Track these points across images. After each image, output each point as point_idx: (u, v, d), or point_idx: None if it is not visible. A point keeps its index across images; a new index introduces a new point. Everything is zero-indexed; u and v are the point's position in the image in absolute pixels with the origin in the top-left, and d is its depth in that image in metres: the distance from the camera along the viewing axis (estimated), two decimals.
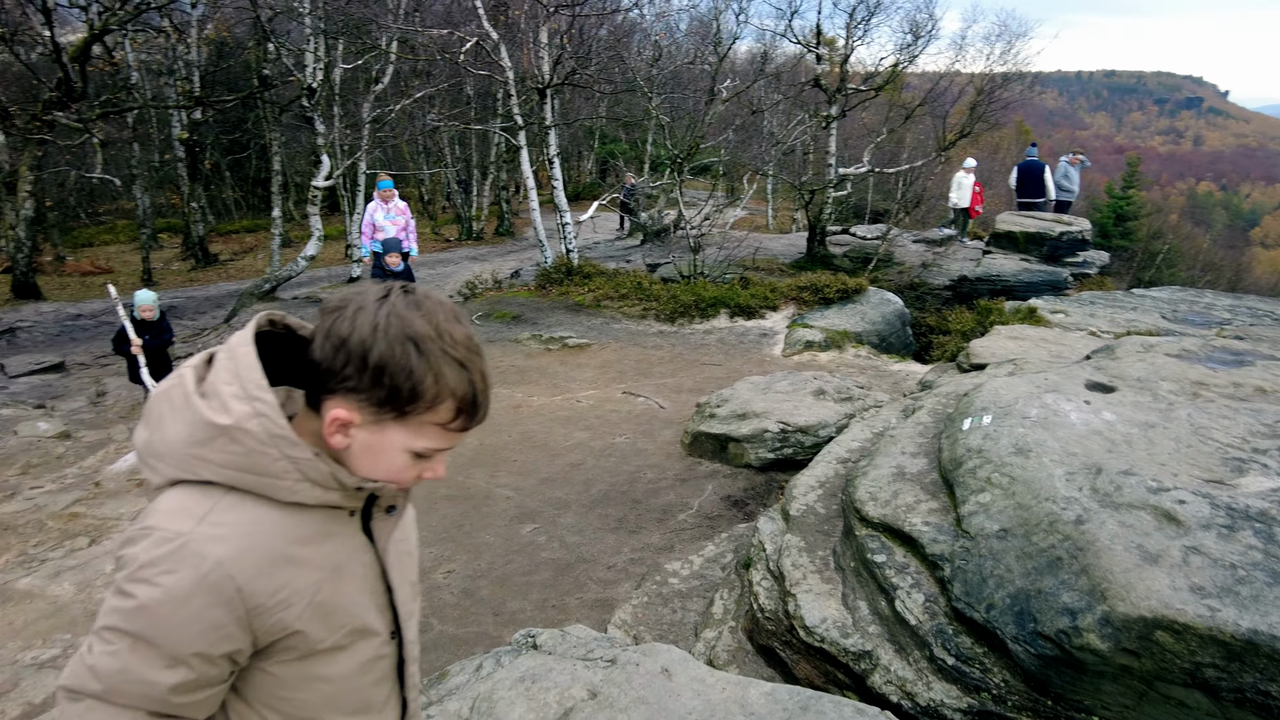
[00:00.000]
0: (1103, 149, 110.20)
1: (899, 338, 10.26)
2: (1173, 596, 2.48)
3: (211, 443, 0.98)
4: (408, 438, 1.03)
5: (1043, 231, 14.58)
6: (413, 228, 10.37)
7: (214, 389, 1.00)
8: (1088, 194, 41.69)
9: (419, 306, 1.00)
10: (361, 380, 0.98)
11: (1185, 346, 4.61)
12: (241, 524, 0.99)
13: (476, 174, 24.06)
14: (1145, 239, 38.25)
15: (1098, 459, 3.28)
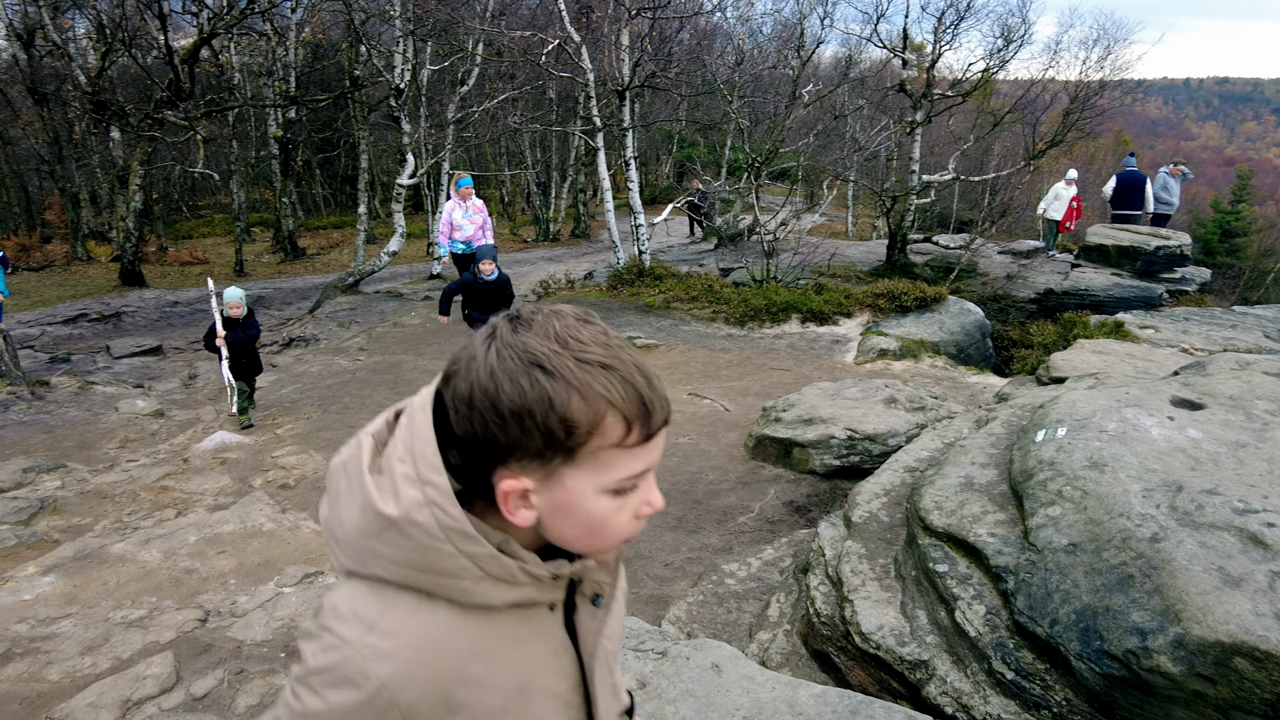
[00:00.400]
0: (1211, 161, 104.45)
1: (978, 349, 9.95)
2: (1255, 622, 2.35)
3: (381, 535, 0.84)
4: (592, 476, 0.84)
5: (1137, 245, 13.93)
6: (489, 226, 10.25)
7: (389, 465, 0.86)
8: (1191, 208, 39.60)
9: (530, 325, 0.84)
10: (508, 435, 0.81)
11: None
12: (413, 637, 0.84)
13: (556, 176, 24.44)
14: (1254, 256, 36.12)
15: (1179, 476, 3.13)
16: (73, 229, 18.48)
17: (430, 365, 8.95)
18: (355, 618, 0.84)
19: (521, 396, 0.79)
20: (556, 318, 0.85)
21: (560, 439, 0.81)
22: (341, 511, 0.88)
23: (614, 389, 0.82)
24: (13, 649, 3.86)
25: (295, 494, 5.77)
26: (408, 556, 0.83)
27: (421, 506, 0.81)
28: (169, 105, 13.24)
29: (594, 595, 0.99)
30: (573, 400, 0.80)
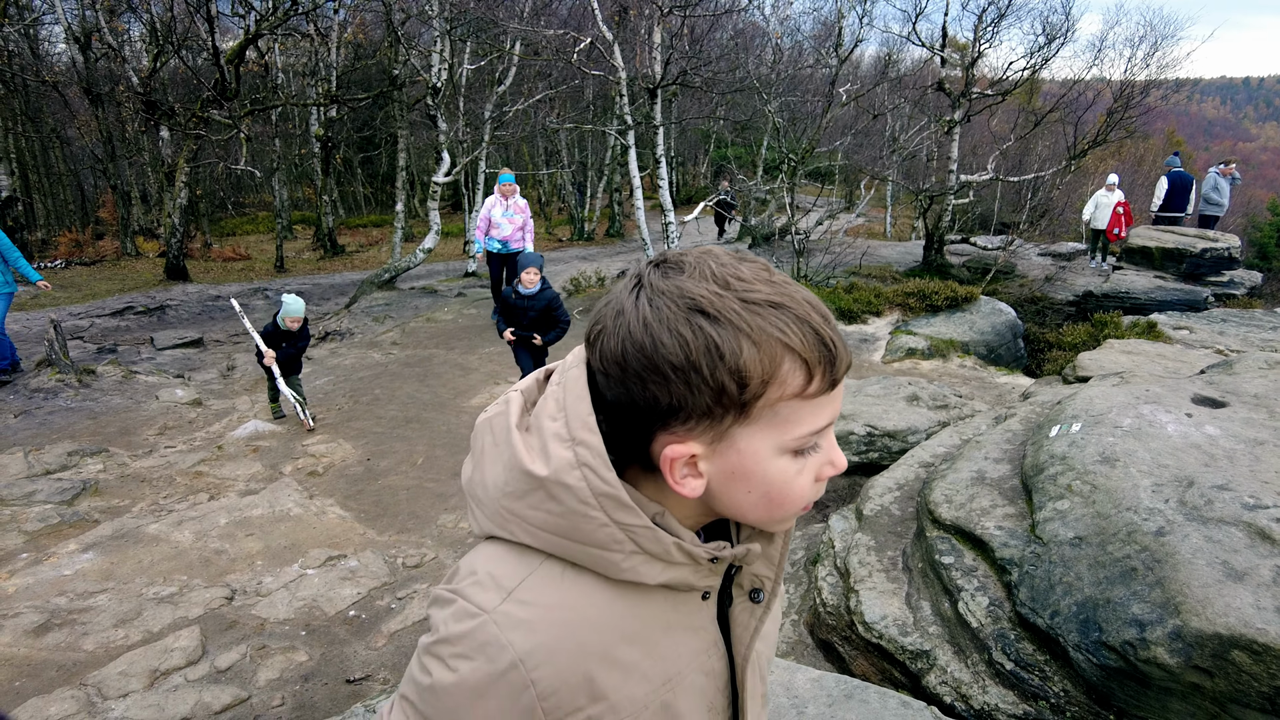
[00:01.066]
0: (1271, 162, 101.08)
1: (1009, 349, 9.81)
2: (1255, 616, 2.32)
3: (527, 496, 0.76)
4: (770, 435, 0.74)
5: (1183, 248, 13.59)
6: (530, 229, 9.72)
7: (538, 423, 0.78)
8: (1249, 210, 38.36)
9: (681, 268, 0.73)
10: (671, 394, 0.71)
11: None
12: (557, 608, 0.75)
13: (592, 176, 24.59)
14: None
15: (1191, 472, 3.08)
16: (123, 225, 19.09)
17: (460, 360, 9.10)
18: (493, 583, 0.76)
19: (684, 348, 0.69)
20: (710, 257, 0.74)
21: (733, 394, 0.70)
22: (485, 471, 0.81)
23: (790, 331, 0.70)
24: (52, 620, 4.05)
25: (323, 481, 5.92)
26: (555, 521, 0.75)
27: (573, 468, 0.73)
28: (215, 104, 13.64)
29: (752, 590, 0.89)
30: (744, 348, 0.69)
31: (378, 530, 5.15)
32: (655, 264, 0.76)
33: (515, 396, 0.82)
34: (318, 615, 4.13)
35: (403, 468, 6.07)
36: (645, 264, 0.77)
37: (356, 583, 4.42)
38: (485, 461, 0.81)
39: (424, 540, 5.00)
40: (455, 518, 5.27)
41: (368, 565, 4.61)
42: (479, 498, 0.81)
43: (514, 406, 0.80)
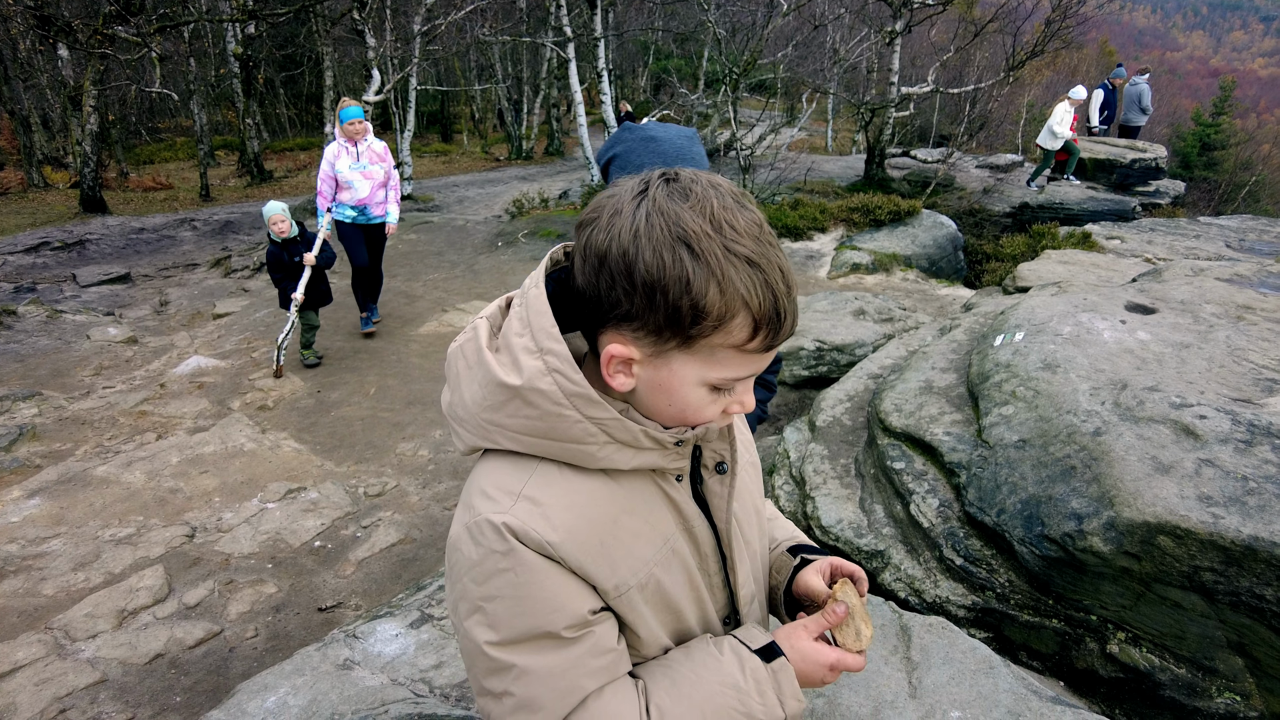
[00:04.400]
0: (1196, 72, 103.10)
1: (950, 262, 10.05)
2: (1179, 504, 2.51)
3: (505, 406, 0.85)
4: (699, 368, 0.82)
5: (1113, 158, 13.93)
6: (396, 182, 6.89)
7: (506, 341, 0.86)
8: (1173, 120, 39.28)
9: (687, 194, 0.78)
10: (633, 303, 0.78)
11: (1238, 271, 4.46)
12: (562, 496, 0.86)
13: (528, 91, 23.81)
14: (1232, 169, 36.13)
15: (1125, 376, 3.27)
16: (26, 155, 17.88)
17: (404, 287, 8.92)
18: (501, 492, 0.86)
19: (660, 270, 0.76)
20: (715, 194, 0.79)
21: (685, 324, 0.78)
22: (463, 392, 0.89)
23: (754, 291, 0.77)
24: (5, 567, 3.98)
25: (274, 415, 5.84)
26: (533, 425, 0.84)
27: (544, 374, 0.82)
28: (119, 20, 12.69)
29: (717, 464, 0.99)
30: (710, 289, 0.76)
31: (335, 461, 5.14)
32: (666, 179, 0.81)
33: (481, 323, 0.90)
34: (283, 548, 4.15)
35: (355, 398, 6.02)
36: (656, 175, 0.82)
37: (319, 514, 4.43)
38: (462, 384, 0.89)
39: (384, 469, 5.01)
40: (413, 446, 5.28)
41: (329, 496, 4.62)
42: (460, 417, 0.90)
43: (482, 331, 0.89)
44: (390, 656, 2.47)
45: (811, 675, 0.97)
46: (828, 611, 0.99)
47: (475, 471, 0.92)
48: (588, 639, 0.86)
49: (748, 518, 1.06)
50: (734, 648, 0.96)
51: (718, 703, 0.90)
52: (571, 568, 0.84)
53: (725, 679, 0.92)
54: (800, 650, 0.97)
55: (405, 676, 2.37)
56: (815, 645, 0.98)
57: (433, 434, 5.46)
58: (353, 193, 6.60)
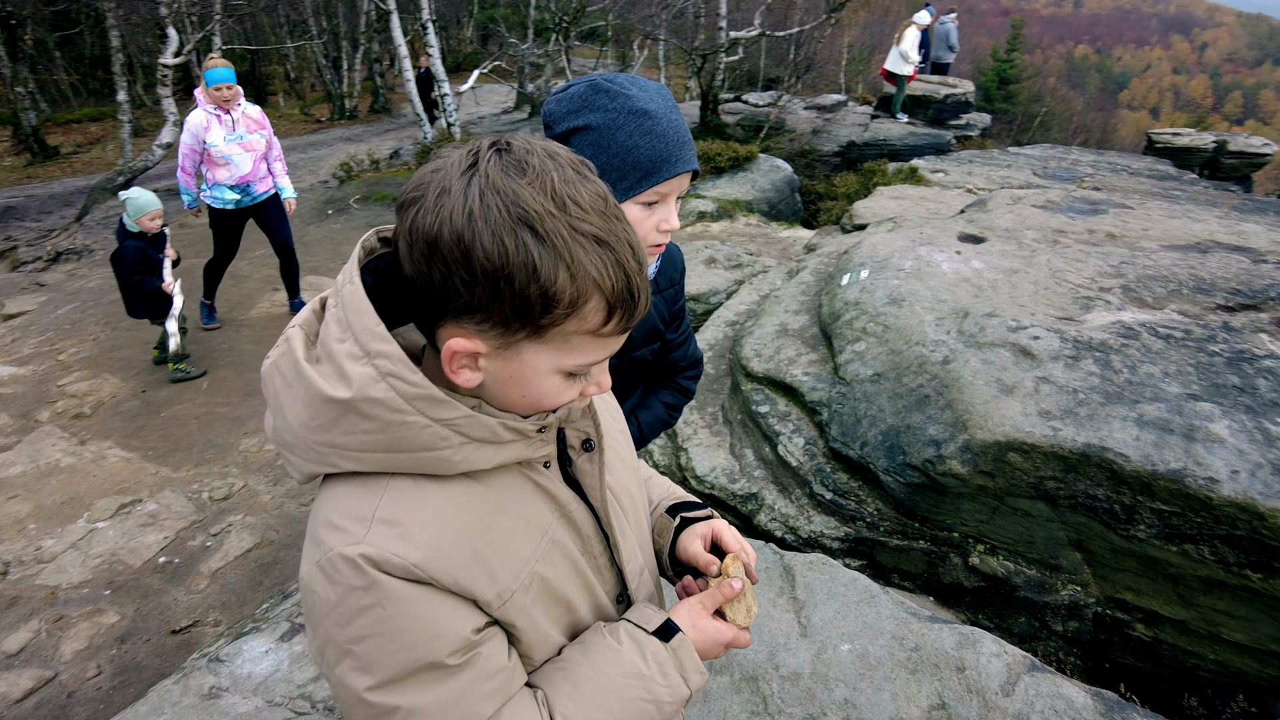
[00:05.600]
0: (991, 11, 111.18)
1: (788, 204, 10.38)
2: (1024, 421, 2.70)
3: (337, 424, 0.74)
4: (553, 356, 0.76)
5: (928, 94, 14.78)
6: (280, 152, 5.92)
7: (327, 350, 0.75)
8: (974, 57, 42.23)
9: (523, 167, 0.70)
10: (474, 294, 0.70)
11: (1050, 198, 4.84)
12: (421, 511, 0.77)
13: (346, 46, 22.29)
14: (1025, 102, 39.33)
15: (965, 304, 3.47)
16: None
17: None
18: (351, 520, 0.75)
19: (502, 257, 0.68)
20: (554, 165, 0.71)
21: (534, 313, 0.71)
22: (286, 414, 0.77)
23: (606, 272, 0.71)
24: None
25: (93, 422, 5.23)
26: (374, 439, 0.74)
27: (376, 381, 0.72)
28: None
29: (583, 443, 0.94)
30: (559, 275, 0.69)
31: (172, 467, 4.67)
32: (497, 149, 0.72)
33: (295, 333, 0.79)
34: (121, 570, 3.74)
35: (187, 395, 5.48)
36: (485, 144, 0.73)
37: (160, 527, 4.02)
38: (284, 405, 0.78)
39: (228, 470, 4.61)
40: (258, 440, 4.89)
41: (169, 506, 4.20)
42: (289, 442, 0.78)
43: (296, 342, 0.78)
44: (262, 676, 2.27)
45: (709, 652, 0.95)
46: (724, 586, 0.96)
47: (318, 501, 0.81)
48: (475, 662, 0.79)
49: (624, 490, 1.01)
50: (631, 633, 0.92)
51: (623, 695, 0.86)
52: (446, 586, 0.76)
53: (627, 669, 0.88)
54: (701, 628, 0.94)
55: (282, 695, 2.19)
56: (714, 623, 0.95)
57: None
58: (232, 169, 5.55)
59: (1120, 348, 2.99)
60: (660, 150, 1.25)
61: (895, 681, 2.09)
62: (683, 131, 1.29)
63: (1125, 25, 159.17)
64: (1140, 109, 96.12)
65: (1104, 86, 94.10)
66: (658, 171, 1.25)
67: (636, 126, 1.25)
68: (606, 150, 1.25)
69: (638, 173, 1.25)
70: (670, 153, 1.25)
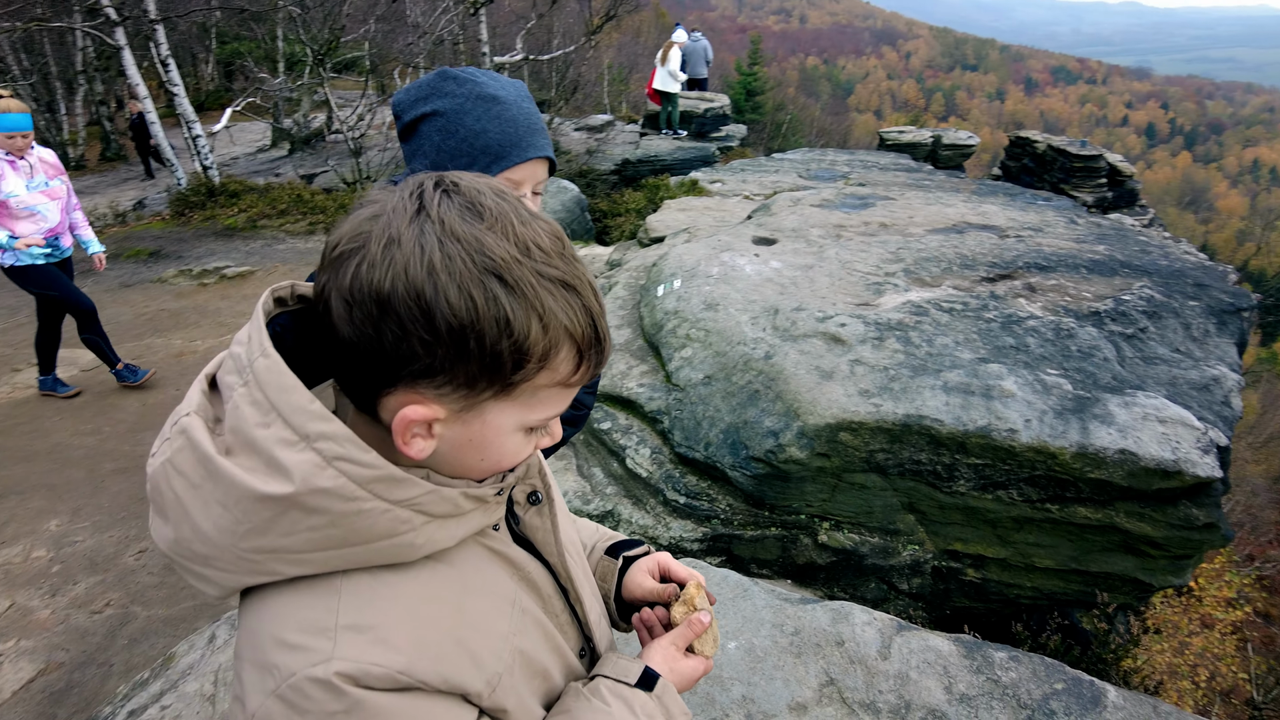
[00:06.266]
0: (729, 29, 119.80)
1: (580, 224, 10.55)
2: (847, 402, 2.93)
3: (275, 525, 0.63)
4: (518, 413, 0.69)
5: (689, 110, 15.66)
6: (77, 200, 5.13)
7: (244, 438, 0.64)
8: (721, 72, 45.33)
9: (479, 210, 0.64)
10: (435, 356, 0.62)
11: (824, 197, 5.30)
12: (391, 609, 0.67)
13: (60, 88, 19.82)
14: (771, 111, 42.78)
15: (773, 301, 3.71)
16: None
17: None
18: (309, 634, 0.64)
19: (471, 312, 0.60)
20: (510, 208, 0.65)
21: (505, 369, 0.64)
22: (196, 521, 0.64)
23: (575, 318, 0.65)
24: None
25: None
26: (323, 536, 0.63)
27: (321, 468, 0.62)
28: None
29: (529, 495, 0.86)
30: (532, 325, 0.63)
31: None
32: (444, 190, 0.65)
33: (191, 421, 0.66)
34: None
35: None
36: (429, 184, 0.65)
37: None
38: (190, 511, 0.65)
39: None
40: (22, 549, 4.19)
41: None
42: (203, 555, 0.66)
43: (198, 434, 0.65)
44: None
45: (684, 689, 0.92)
46: (693, 622, 0.94)
47: (252, 619, 0.68)
48: None
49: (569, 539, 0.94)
50: (614, 690, 0.87)
51: None
52: (435, 686, 0.67)
53: None
54: (679, 670, 0.92)
55: None
56: (688, 662, 0.93)
57: (45, 526, 4.39)
58: (39, 221, 4.79)
59: (915, 324, 3.33)
60: (509, 135, 1.22)
61: (784, 668, 2.18)
62: (534, 119, 1.25)
63: (844, 38, 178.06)
64: (866, 111, 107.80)
65: (834, 93, 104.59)
66: (506, 156, 1.22)
67: (485, 111, 1.22)
68: (454, 135, 1.22)
69: (486, 157, 1.21)
70: (520, 137, 1.21)
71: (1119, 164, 12.41)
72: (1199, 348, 3.34)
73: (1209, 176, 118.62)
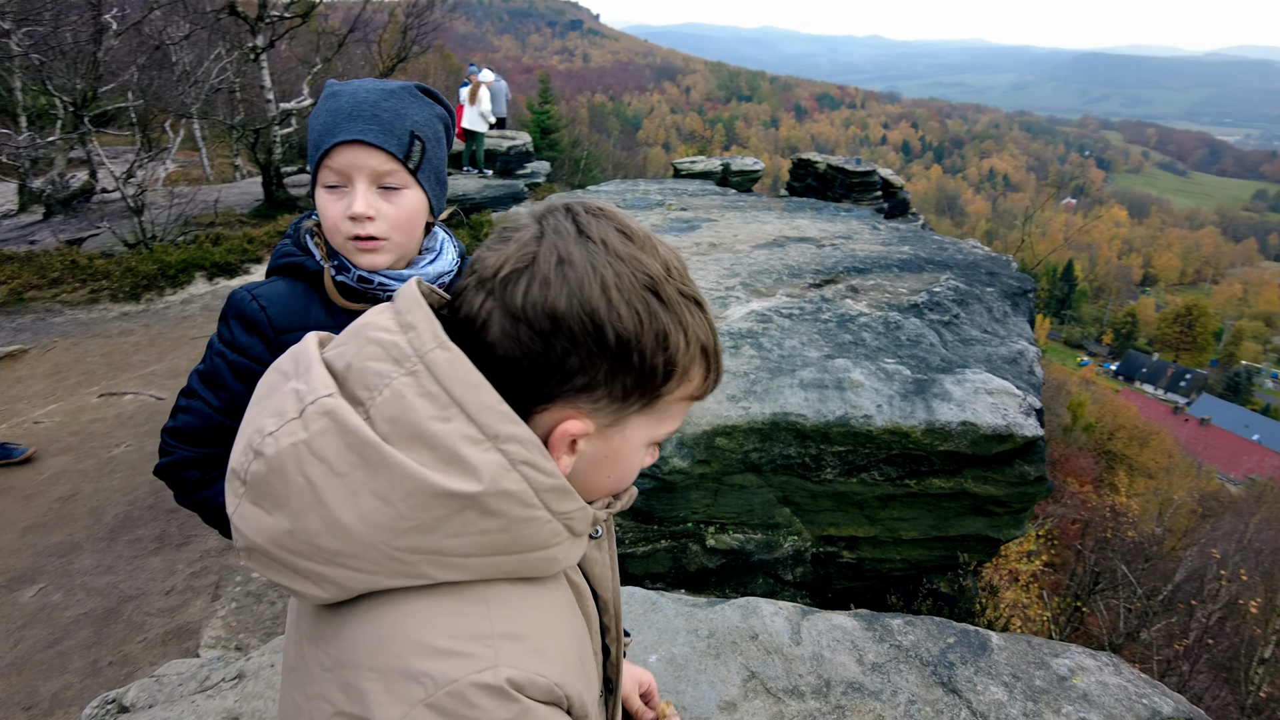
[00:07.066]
0: (514, 69, 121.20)
1: None
2: (719, 408, 3.06)
3: (446, 523, 0.60)
4: (651, 427, 0.70)
5: (493, 148, 15.70)
6: None
7: (412, 431, 0.60)
8: (514, 111, 45.76)
9: (628, 233, 0.66)
10: (598, 370, 0.63)
11: (653, 222, 5.51)
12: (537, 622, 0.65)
13: None
14: (568, 148, 43.70)
15: None
16: None
17: None
18: (468, 640, 0.60)
19: (638, 327, 0.62)
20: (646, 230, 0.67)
21: (656, 382, 0.65)
22: (334, 513, 0.59)
23: (707, 333, 0.68)
24: None
25: None
26: (490, 540, 0.61)
27: (508, 470, 0.60)
28: None
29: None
30: (679, 341, 0.64)
31: None
32: (592, 213, 0.67)
33: (339, 404, 0.61)
34: None
35: None
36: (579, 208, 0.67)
37: None
38: (327, 501, 0.60)
39: None
40: None
41: None
42: (331, 550, 0.61)
43: (351, 418, 0.60)
44: None
45: None
46: None
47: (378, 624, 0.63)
48: None
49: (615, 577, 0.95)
50: None
51: None
52: (574, 706, 0.66)
53: None
54: None
55: None
56: None
57: None
58: None
59: (764, 331, 3.54)
60: (328, 123, 1.18)
61: (707, 671, 2.23)
62: (361, 105, 1.17)
63: (626, 75, 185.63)
64: (655, 144, 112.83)
65: (624, 128, 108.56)
66: (321, 143, 1.19)
67: (323, 105, 1.21)
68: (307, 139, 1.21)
69: (311, 149, 1.20)
70: (336, 124, 1.16)
71: (890, 177, 13.82)
72: (1002, 327, 3.81)
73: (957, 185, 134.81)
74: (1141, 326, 77.32)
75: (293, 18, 12.97)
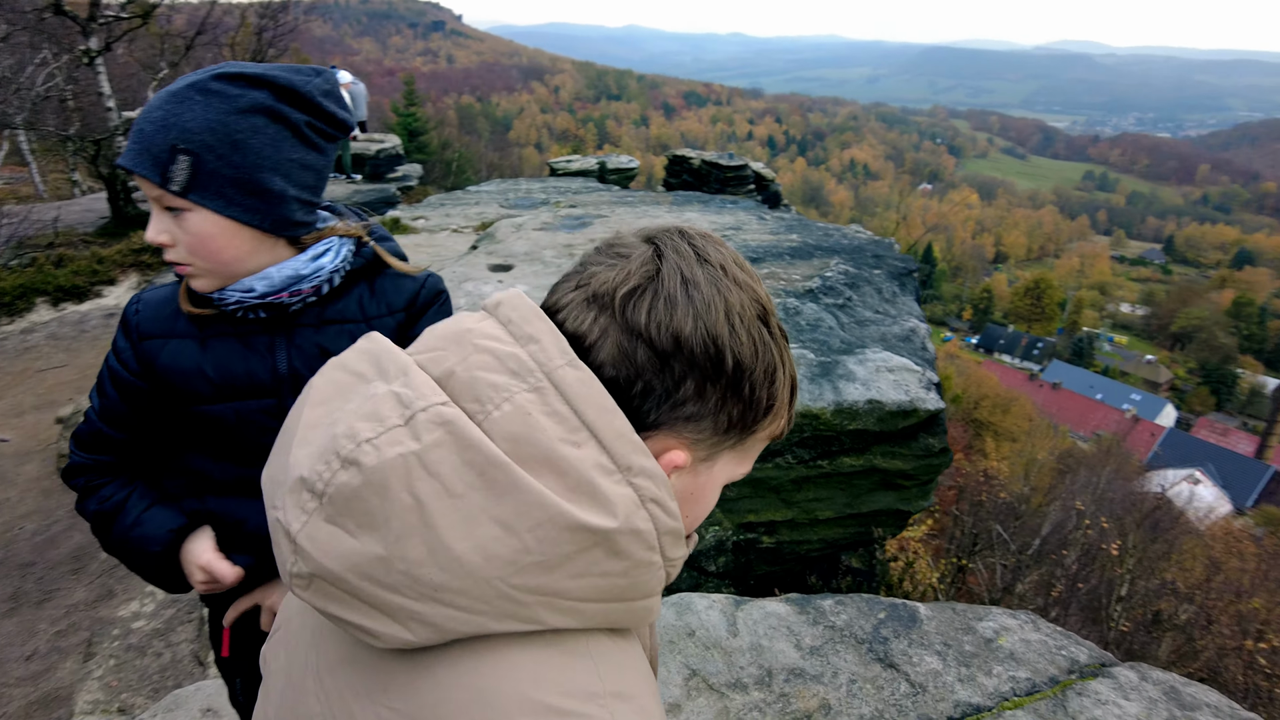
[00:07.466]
0: (376, 72, 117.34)
1: None
2: None
3: (570, 562, 0.52)
4: (735, 465, 0.66)
5: (360, 152, 15.11)
6: None
7: (539, 453, 0.52)
8: (379, 114, 44.26)
9: (740, 262, 0.62)
10: (708, 398, 0.58)
11: (545, 220, 5.41)
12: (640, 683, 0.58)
13: None
14: (438, 150, 42.68)
15: None
16: None
17: None
18: (581, 698, 0.53)
19: (754, 355, 0.59)
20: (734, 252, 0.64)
21: (757, 415, 0.62)
22: (445, 539, 0.50)
23: (793, 366, 0.65)
24: None
25: None
26: (609, 584, 0.54)
27: (638, 508, 0.54)
28: None
29: None
30: (783, 375, 0.62)
31: None
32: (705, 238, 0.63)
33: (457, 414, 0.53)
34: None
35: None
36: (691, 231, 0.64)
37: None
38: (437, 526, 0.51)
39: None
40: None
41: None
42: (435, 583, 0.52)
43: (474, 432, 0.52)
44: None
45: None
46: None
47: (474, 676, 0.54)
48: None
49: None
50: None
51: None
52: None
53: None
54: None
55: None
56: None
57: None
58: None
59: None
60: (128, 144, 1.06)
61: None
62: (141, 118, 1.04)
63: (493, 76, 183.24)
64: (528, 144, 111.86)
65: (495, 129, 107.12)
66: None
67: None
68: None
69: None
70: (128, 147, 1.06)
71: (762, 171, 14.21)
72: (892, 307, 3.95)
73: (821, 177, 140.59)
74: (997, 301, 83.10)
75: (130, 18, 12.00)
